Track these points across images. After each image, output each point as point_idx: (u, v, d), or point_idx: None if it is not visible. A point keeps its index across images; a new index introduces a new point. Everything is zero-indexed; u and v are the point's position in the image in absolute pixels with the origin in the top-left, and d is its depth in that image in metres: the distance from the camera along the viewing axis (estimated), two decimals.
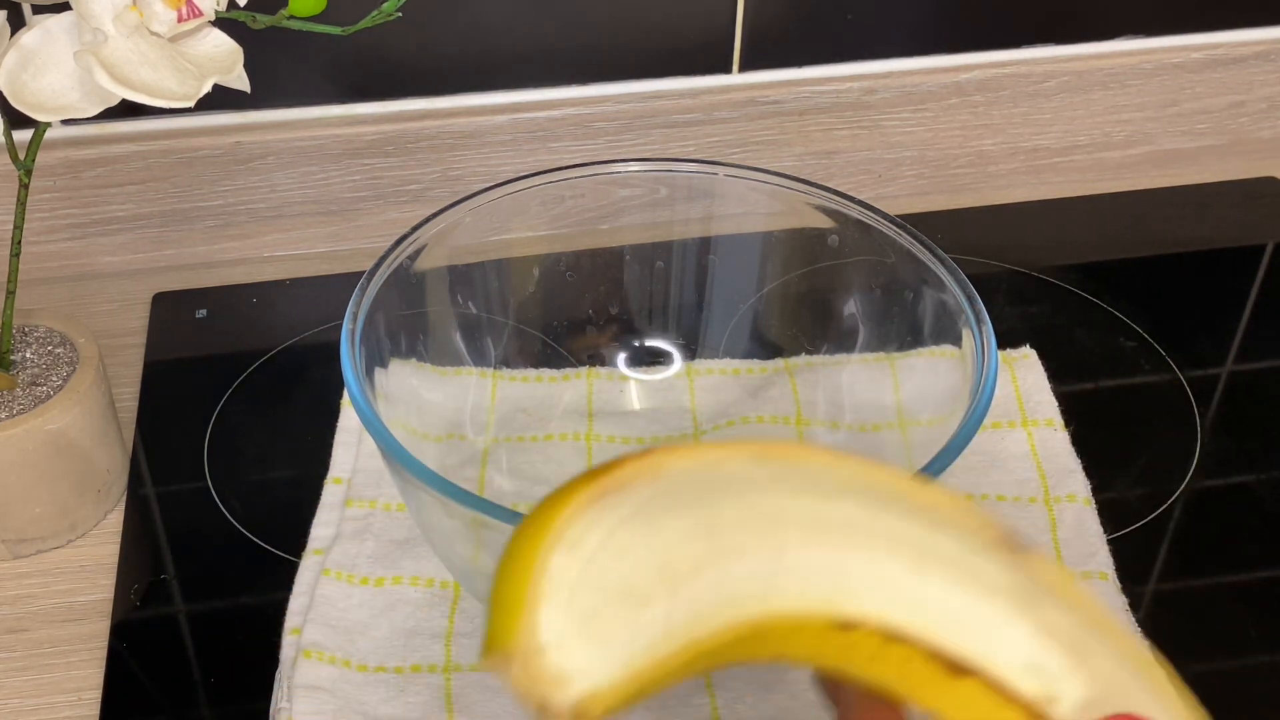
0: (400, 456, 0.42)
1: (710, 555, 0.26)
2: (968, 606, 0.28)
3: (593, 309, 0.59)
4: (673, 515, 0.27)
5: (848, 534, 0.28)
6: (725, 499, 0.27)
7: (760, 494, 0.28)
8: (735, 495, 0.27)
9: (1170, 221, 0.75)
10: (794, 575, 0.27)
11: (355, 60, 0.69)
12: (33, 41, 0.45)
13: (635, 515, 0.26)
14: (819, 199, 0.53)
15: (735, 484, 0.28)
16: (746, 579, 0.27)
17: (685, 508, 0.27)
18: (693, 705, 0.47)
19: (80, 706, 0.49)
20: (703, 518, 0.27)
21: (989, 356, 0.45)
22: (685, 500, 0.27)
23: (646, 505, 0.27)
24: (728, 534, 0.27)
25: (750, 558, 0.27)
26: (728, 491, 0.27)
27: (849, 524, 0.28)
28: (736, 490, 0.28)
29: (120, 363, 0.64)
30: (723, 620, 0.26)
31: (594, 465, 0.27)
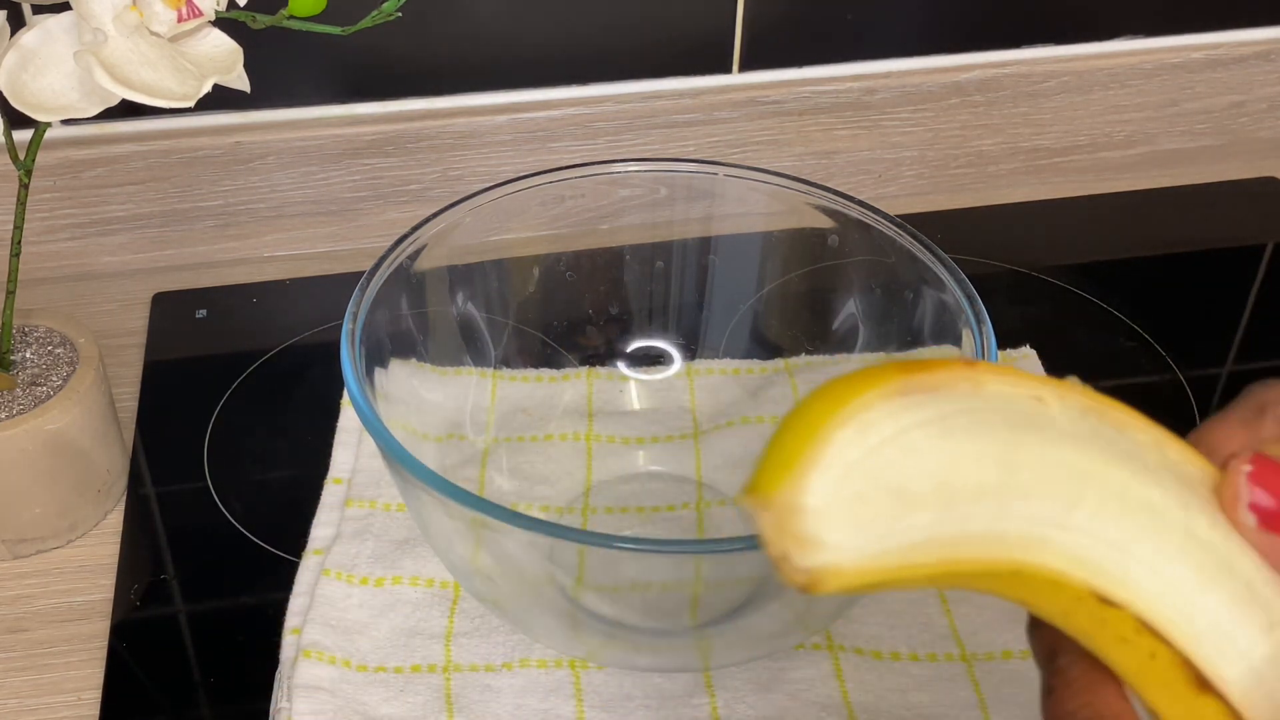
0: (400, 456, 0.42)
1: (998, 487, 0.26)
2: (1240, 630, 0.27)
3: (593, 309, 0.59)
4: (974, 436, 0.26)
5: (1147, 519, 0.27)
6: (1034, 439, 0.27)
7: (1072, 448, 0.27)
8: (1046, 440, 0.27)
9: (1170, 221, 0.75)
10: (1077, 535, 0.27)
11: (355, 60, 0.69)
12: (33, 41, 0.45)
13: (935, 422, 0.26)
14: (819, 199, 0.53)
15: (1050, 429, 0.27)
16: (1026, 521, 0.27)
17: (989, 433, 0.27)
18: (693, 705, 0.47)
19: (80, 706, 0.49)
20: (1004, 449, 0.27)
21: (989, 356, 0.45)
22: (992, 426, 0.27)
23: (950, 417, 0.26)
24: (1024, 473, 0.27)
25: (1038, 503, 0.27)
26: (1040, 433, 0.27)
27: (1151, 509, 0.27)
28: (1050, 436, 0.27)
29: (120, 363, 0.64)
30: (988, 553, 0.26)
31: (911, 360, 0.28)
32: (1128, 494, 0.27)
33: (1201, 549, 0.27)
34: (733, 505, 0.55)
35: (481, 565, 0.45)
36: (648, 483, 0.57)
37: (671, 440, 0.58)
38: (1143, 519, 0.27)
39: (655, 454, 0.58)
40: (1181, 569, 0.27)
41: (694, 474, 0.56)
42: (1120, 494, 0.27)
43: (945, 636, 0.50)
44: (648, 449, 0.58)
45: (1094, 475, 0.27)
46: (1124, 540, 0.27)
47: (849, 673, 0.48)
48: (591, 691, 0.48)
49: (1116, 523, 0.27)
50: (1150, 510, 0.27)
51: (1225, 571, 0.27)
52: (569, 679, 0.48)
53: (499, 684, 0.48)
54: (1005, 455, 0.27)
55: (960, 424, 0.26)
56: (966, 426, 0.27)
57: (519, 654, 0.49)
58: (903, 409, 0.26)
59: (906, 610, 0.51)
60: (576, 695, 0.48)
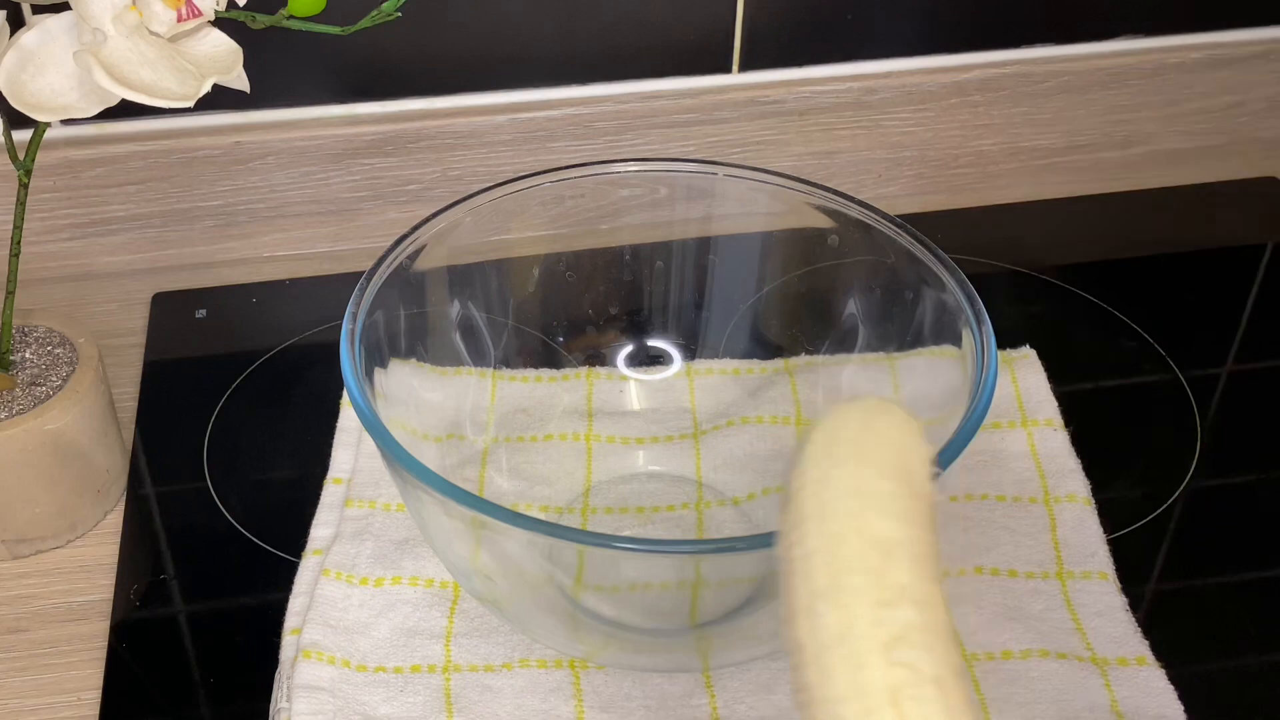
0: (400, 457, 0.42)
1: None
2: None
3: (593, 309, 0.59)
4: None
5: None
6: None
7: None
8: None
9: (1170, 221, 0.75)
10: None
11: (355, 60, 0.69)
12: (32, 41, 0.45)
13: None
14: (819, 199, 0.53)
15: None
16: None
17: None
18: (693, 705, 0.47)
19: (80, 706, 0.49)
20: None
21: (989, 356, 0.45)
22: None
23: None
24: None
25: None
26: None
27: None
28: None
29: (120, 363, 0.64)
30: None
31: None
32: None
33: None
34: (732, 505, 0.55)
35: (481, 565, 0.45)
36: (647, 483, 0.57)
37: (671, 440, 0.58)
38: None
39: (655, 454, 0.58)
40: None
41: (694, 474, 0.56)
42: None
43: None
44: (648, 449, 0.58)
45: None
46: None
47: None
48: (591, 691, 0.48)
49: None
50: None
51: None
52: (569, 679, 0.48)
53: (499, 684, 0.48)
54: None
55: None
56: None
57: (519, 654, 0.49)
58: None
59: None
60: (576, 695, 0.48)
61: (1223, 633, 0.51)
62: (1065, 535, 0.53)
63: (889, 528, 0.30)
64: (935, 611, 0.29)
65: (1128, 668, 0.48)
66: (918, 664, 0.28)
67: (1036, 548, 0.53)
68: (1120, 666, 0.48)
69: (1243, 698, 0.49)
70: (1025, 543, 0.53)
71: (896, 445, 0.32)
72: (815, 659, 0.29)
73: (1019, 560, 0.52)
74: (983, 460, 0.56)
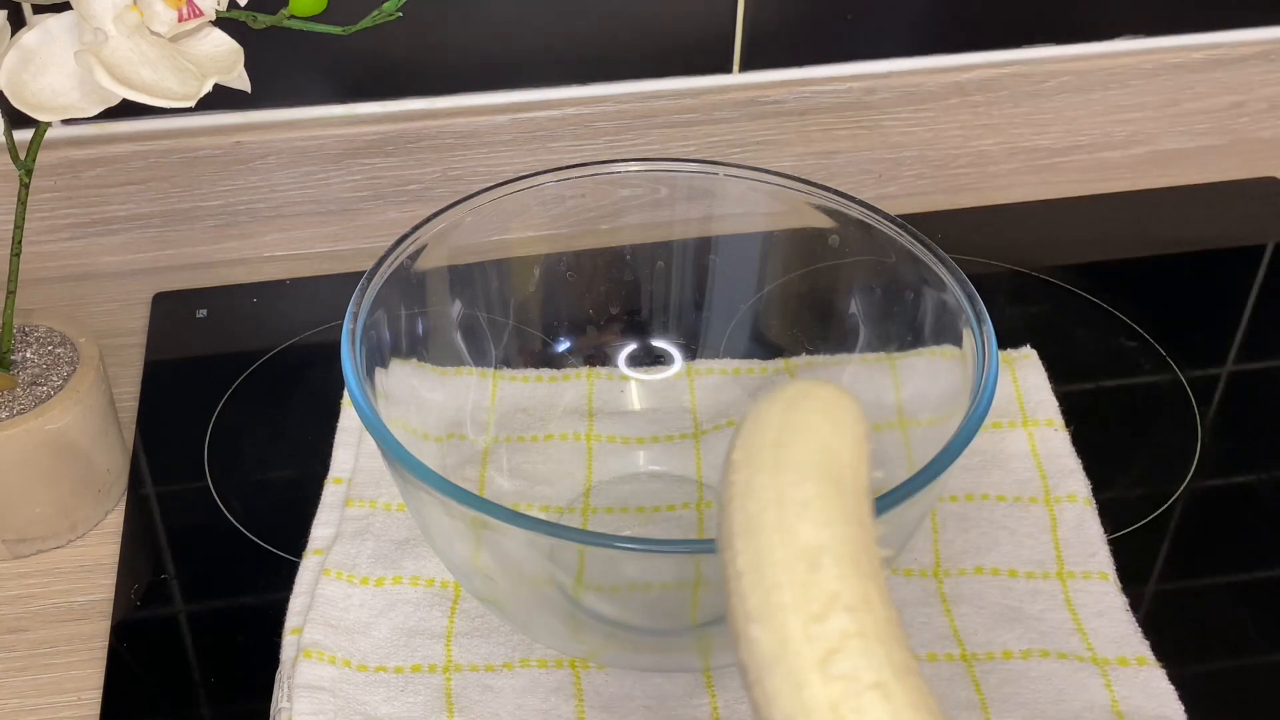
0: (400, 456, 0.42)
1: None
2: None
3: (593, 309, 0.59)
4: None
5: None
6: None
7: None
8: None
9: (1170, 221, 0.75)
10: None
11: (355, 60, 0.69)
12: (33, 41, 0.45)
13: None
14: (819, 199, 0.53)
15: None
16: None
17: None
18: (693, 705, 0.47)
19: (80, 706, 0.49)
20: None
21: (989, 356, 0.45)
22: None
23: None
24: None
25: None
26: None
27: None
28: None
29: (120, 363, 0.64)
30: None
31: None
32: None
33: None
34: None
35: (481, 565, 0.45)
36: (648, 483, 0.57)
37: (672, 440, 0.58)
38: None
39: (655, 454, 0.58)
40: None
41: (694, 474, 0.56)
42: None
43: (945, 636, 0.50)
44: (648, 449, 0.58)
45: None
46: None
47: None
48: (592, 691, 0.48)
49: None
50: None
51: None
52: (569, 679, 0.48)
53: (499, 684, 0.48)
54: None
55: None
56: None
57: (519, 654, 0.49)
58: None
59: (906, 610, 0.51)
60: (577, 695, 0.48)
61: (1223, 633, 0.51)
62: (1065, 535, 0.53)
63: (814, 534, 0.29)
64: (872, 612, 0.29)
65: (1128, 668, 0.48)
66: (856, 673, 0.28)
67: (1037, 548, 0.53)
68: (1120, 666, 0.48)
69: (1243, 698, 0.49)
70: (1025, 543, 0.53)
71: (819, 437, 0.31)
72: (758, 681, 0.28)
73: (1019, 560, 0.52)
74: (983, 460, 0.56)
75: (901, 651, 0.28)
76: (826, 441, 0.31)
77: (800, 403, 0.32)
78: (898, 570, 0.52)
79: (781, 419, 0.32)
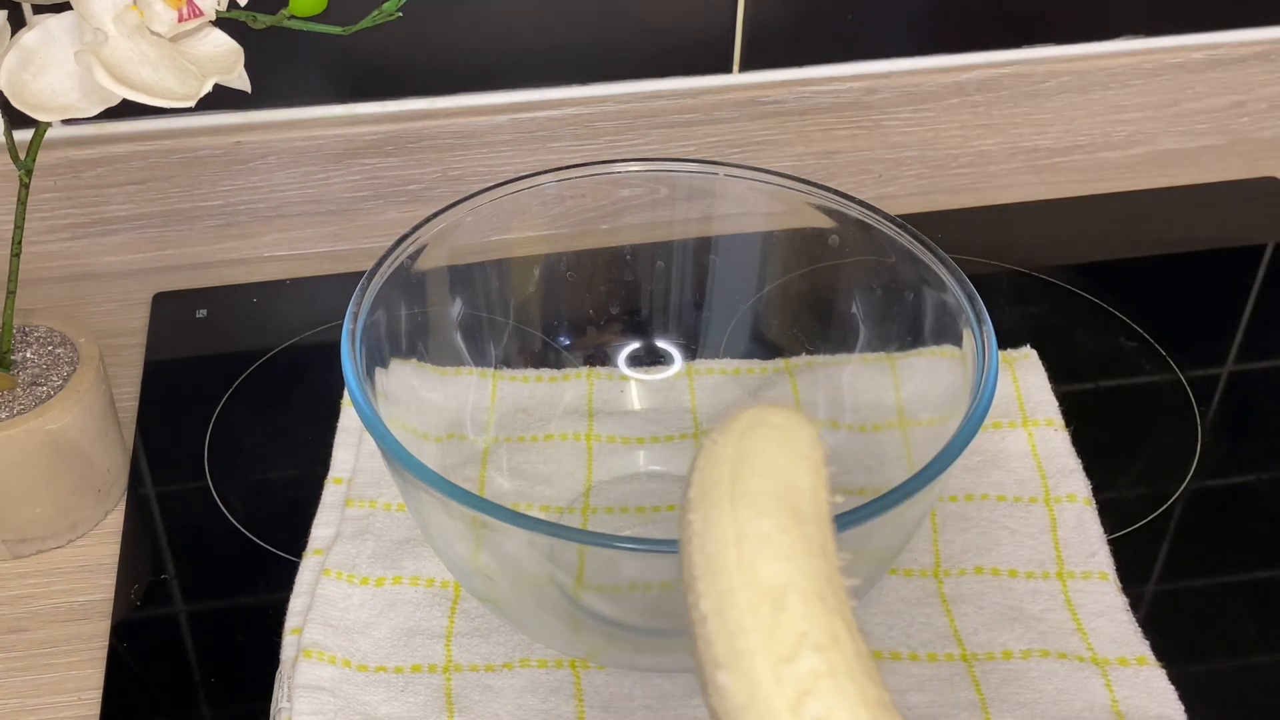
0: (400, 456, 0.42)
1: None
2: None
3: (593, 309, 0.59)
4: None
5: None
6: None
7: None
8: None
9: (1170, 221, 0.75)
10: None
11: (355, 60, 0.69)
12: (33, 41, 0.45)
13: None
14: (819, 199, 0.53)
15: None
16: None
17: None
18: (693, 705, 0.47)
19: (80, 706, 0.49)
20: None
21: (989, 356, 0.45)
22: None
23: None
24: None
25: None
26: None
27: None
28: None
29: (120, 363, 0.64)
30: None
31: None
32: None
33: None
34: None
35: (481, 565, 0.45)
36: (648, 483, 0.57)
37: (672, 440, 0.58)
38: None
39: (655, 454, 0.58)
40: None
41: None
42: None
43: (945, 636, 0.50)
44: (648, 449, 0.58)
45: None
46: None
47: None
48: (592, 691, 0.48)
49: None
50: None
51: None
52: (569, 679, 0.48)
53: (499, 684, 0.48)
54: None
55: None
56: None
57: (519, 654, 0.49)
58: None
59: (906, 610, 0.51)
60: (577, 695, 0.48)
61: (1223, 633, 0.51)
62: (1065, 535, 0.53)
63: (776, 572, 0.28)
64: (841, 648, 0.28)
65: (1128, 668, 0.48)
66: (829, 714, 0.27)
67: (1037, 548, 0.53)
68: (1120, 666, 0.48)
69: (1243, 698, 0.49)
70: (1025, 543, 0.53)
71: (775, 467, 0.30)
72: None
73: (1019, 560, 0.52)
74: (983, 460, 0.56)
75: (874, 687, 0.28)
76: (783, 470, 0.30)
77: (753, 430, 0.31)
78: (897, 570, 0.52)
79: (735, 450, 0.31)
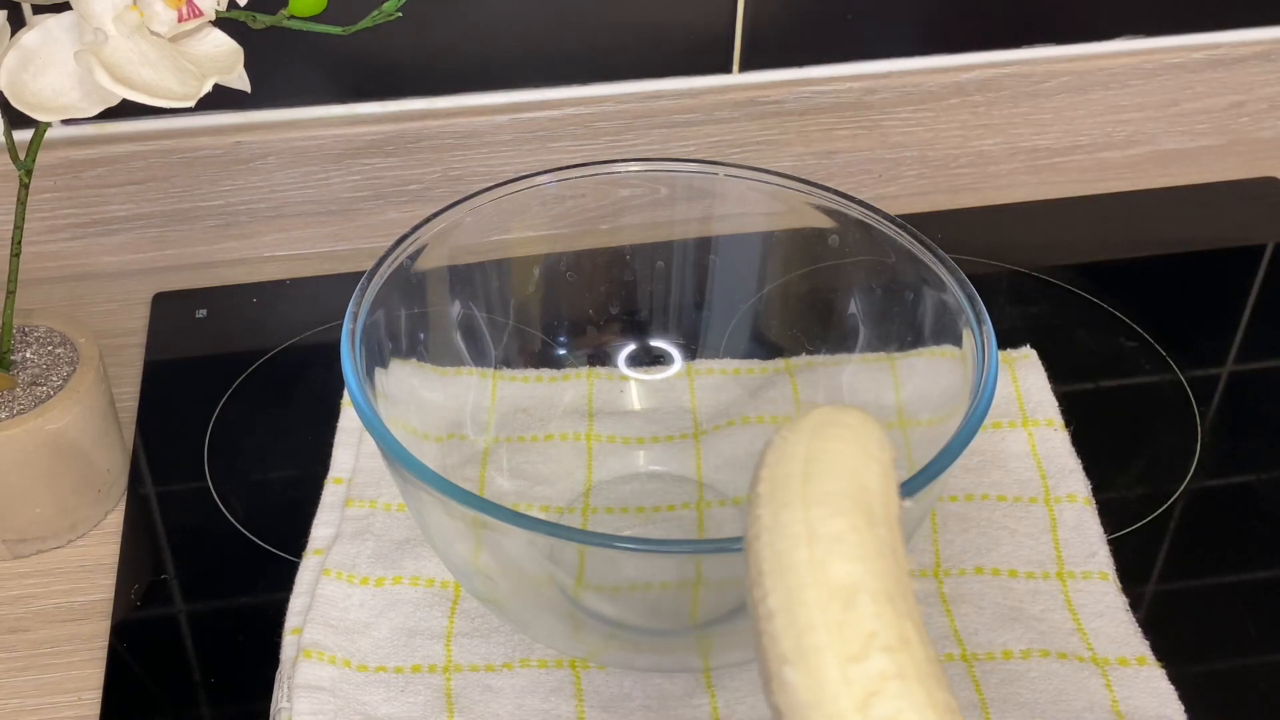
0: (400, 456, 0.42)
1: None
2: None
3: (593, 309, 0.59)
4: None
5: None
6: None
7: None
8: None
9: (1170, 221, 0.75)
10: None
11: (355, 60, 0.69)
12: (33, 41, 0.45)
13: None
14: (819, 199, 0.53)
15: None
16: None
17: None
18: (693, 705, 0.47)
19: (80, 706, 0.49)
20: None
21: (989, 356, 0.45)
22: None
23: None
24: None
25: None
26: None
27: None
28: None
29: (120, 363, 0.64)
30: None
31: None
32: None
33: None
34: (733, 505, 0.55)
35: (481, 565, 0.45)
36: (648, 483, 0.57)
37: (671, 440, 0.58)
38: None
39: (655, 454, 0.58)
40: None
41: (694, 474, 0.56)
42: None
43: (945, 636, 0.50)
44: (648, 449, 0.58)
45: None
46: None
47: None
48: (592, 691, 0.48)
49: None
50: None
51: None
52: (569, 679, 0.48)
53: (499, 684, 0.48)
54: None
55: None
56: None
57: (519, 654, 0.49)
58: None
59: None
60: (577, 695, 0.48)
61: (1223, 633, 0.51)
62: (1065, 535, 0.53)
63: (847, 572, 0.28)
64: (911, 651, 0.28)
65: (1128, 668, 0.48)
66: (897, 716, 0.27)
67: (1037, 548, 0.53)
68: (1120, 666, 0.48)
69: (1243, 698, 0.49)
70: (1025, 543, 0.53)
71: (847, 467, 0.30)
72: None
73: (1019, 560, 0.52)
74: (983, 460, 0.56)
75: (941, 692, 0.28)
76: (854, 471, 0.30)
77: (825, 430, 0.31)
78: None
79: (807, 449, 0.30)
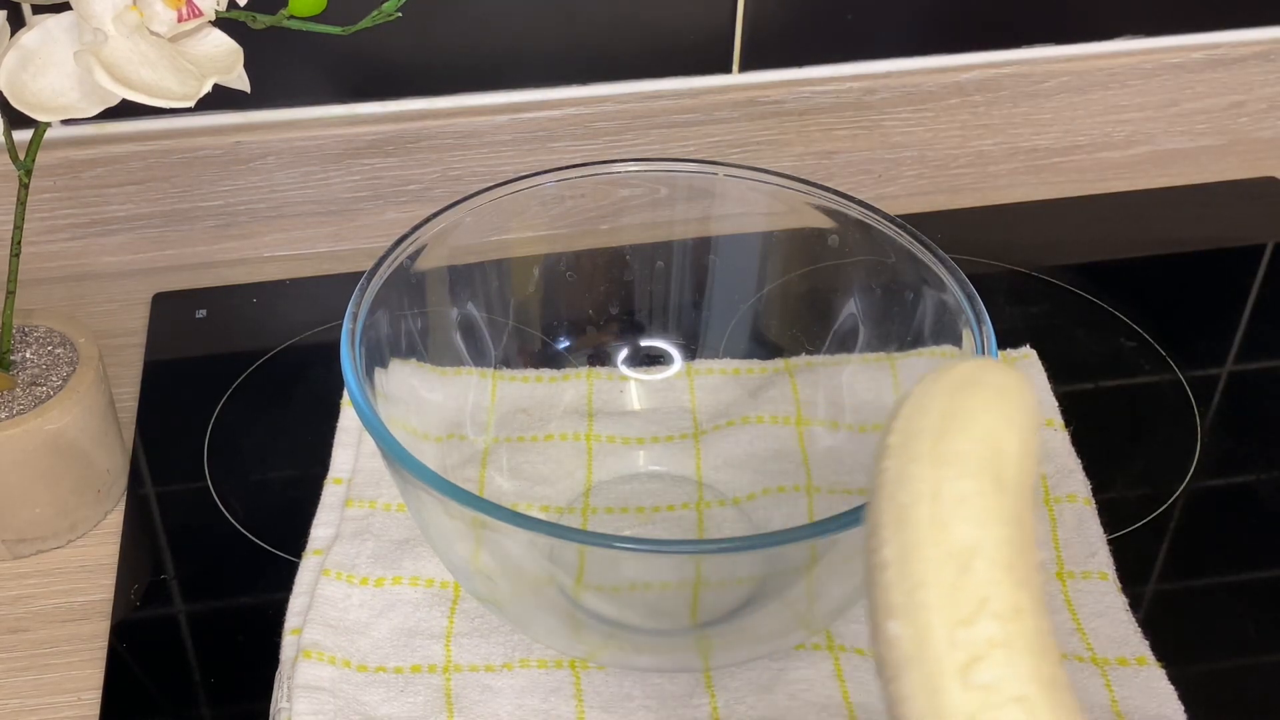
0: (400, 457, 0.42)
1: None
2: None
3: (593, 309, 0.59)
4: None
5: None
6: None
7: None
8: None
9: (1170, 221, 0.75)
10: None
11: (355, 60, 0.69)
12: (33, 41, 0.45)
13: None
14: (819, 199, 0.53)
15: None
16: None
17: None
18: (693, 705, 0.47)
19: (80, 706, 0.49)
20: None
21: (989, 356, 0.45)
22: None
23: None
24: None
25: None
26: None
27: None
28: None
29: (120, 363, 0.64)
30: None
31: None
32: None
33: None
34: (732, 505, 0.55)
35: (481, 565, 0.45)
36: (648, 483, 0.57)
37: (671, 440, 0.58)
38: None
39: (655, 454, 0.58)
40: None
41: (694, 474, 0.56)
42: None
43: None
44: (648, 449, 0.58)
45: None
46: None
47: (849, 673, 0.48)
48: (592, 691, 0.48)
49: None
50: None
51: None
52: (569, 679, 0.48)
53: (499, 684, 0.48)
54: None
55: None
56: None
57: (519, 654, 0.49)
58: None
59: None
60: (577, 695, 0.48)
61: (1223, 633, 0.51)
62: (1065, 535, 0.53)
63: (968, 535, 0.28)
64: (1022, 621, 0.27)
65: (1128, 668, 0.48)
66: (999, 684, 0.26)
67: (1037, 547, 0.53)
68: (1120, 666, 0.48)
69: (1243, 698, 0.49)
70: None
71: (984, 427, 0.29)
72: (894, 679, 0.27)
73: None
74: None
75: (1050, 665, 0.27)
76: (991, 433, 0.29)
77: (968, 389, 0.30)
78: None
79: (945, 404, 0.29)
